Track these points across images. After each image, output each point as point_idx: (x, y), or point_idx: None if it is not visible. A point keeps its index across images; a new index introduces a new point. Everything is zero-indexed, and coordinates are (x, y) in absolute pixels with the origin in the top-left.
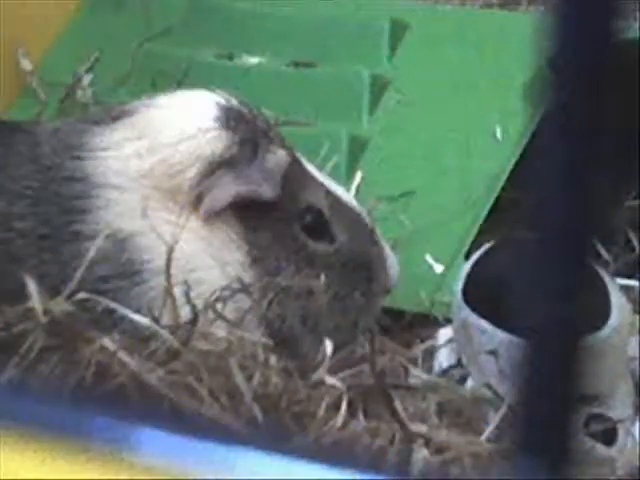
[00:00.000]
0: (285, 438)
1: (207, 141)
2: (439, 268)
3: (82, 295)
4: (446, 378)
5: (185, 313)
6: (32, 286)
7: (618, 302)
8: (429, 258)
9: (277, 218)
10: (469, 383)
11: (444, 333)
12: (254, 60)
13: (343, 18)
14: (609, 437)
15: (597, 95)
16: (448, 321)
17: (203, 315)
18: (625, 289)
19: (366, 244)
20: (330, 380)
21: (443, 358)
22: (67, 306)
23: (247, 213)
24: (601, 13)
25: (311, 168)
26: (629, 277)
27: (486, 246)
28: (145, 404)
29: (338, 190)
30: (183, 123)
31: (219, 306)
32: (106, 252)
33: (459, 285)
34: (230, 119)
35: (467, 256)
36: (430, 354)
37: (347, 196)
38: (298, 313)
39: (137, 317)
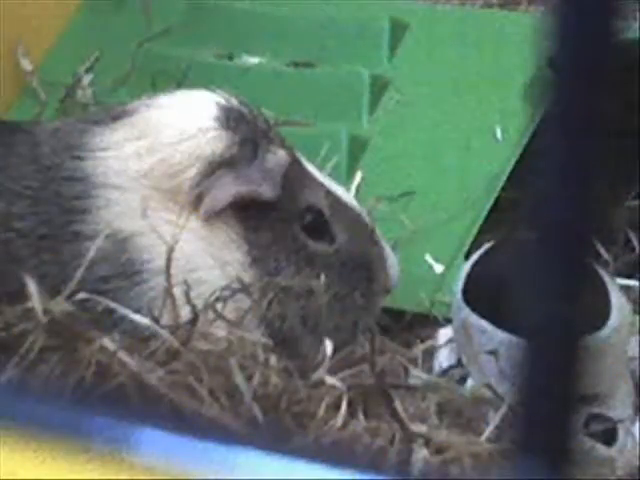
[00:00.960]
0: (285, 438)
1: (207, 141)
2: (439, 268)
3: (82, 295)
4: (446, 378)
5: (185, 313)
6: (32, 286)
7: (618, 302)
8: (429, 258)
9: (277, 218)
10: (469, 383)
11: (444, 333)
12: (254, 60)
13: (343, 18)
14: (609, 437)
15: (597, 95)
16: (448, 321)
17: (203, 315)
18: (625, 289)
19: (366, 244)
20: (330, 380)
21: (443, 358)
22: (67, 306)
23: (247, 213)
24: (601, 13)
25: (311, 168)
26: (629, 277)
27: (486, 246)
28: (145, 404)
29: (338, 190)
30: (183, 123)
31: (219, 306)
32: (106, 252)
33: (459, 285)
34: (230, 119)
35: (467, 256)
36: (430, 354)
37: (347, 196)
38: (298, 313)
39: (137, 317)
